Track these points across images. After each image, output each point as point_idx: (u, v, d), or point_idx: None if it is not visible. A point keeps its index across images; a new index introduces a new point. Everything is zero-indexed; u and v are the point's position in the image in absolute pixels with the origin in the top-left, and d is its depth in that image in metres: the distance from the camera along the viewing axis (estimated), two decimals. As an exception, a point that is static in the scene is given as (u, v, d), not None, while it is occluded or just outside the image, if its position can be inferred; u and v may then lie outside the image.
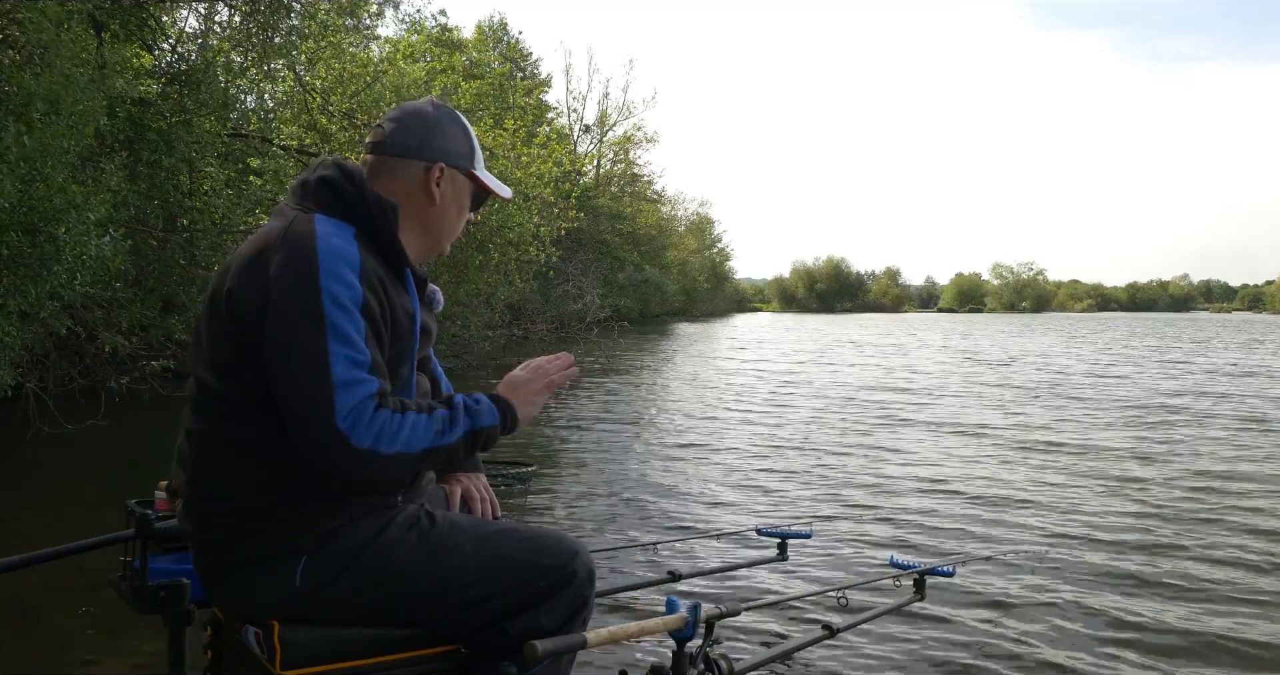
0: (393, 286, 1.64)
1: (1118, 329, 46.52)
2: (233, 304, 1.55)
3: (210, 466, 1.60)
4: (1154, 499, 6.06)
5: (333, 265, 1.52)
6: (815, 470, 7.06)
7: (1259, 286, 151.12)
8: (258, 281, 1.53)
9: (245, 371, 1.55)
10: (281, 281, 1.52)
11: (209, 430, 1.59)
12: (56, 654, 3.30)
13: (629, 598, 3.58)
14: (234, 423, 1.57)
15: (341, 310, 1.50)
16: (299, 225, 1.58)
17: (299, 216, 1.61)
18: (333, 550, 1.58)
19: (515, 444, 8.04)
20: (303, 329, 1.49)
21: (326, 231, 1.57)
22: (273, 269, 1.53)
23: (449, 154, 1.77)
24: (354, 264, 1.55)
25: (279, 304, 1.51)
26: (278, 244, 1.56)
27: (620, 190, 44.01)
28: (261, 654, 1.56)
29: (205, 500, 1.61)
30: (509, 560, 1.62)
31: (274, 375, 1.51)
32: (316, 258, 1.52)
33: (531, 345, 18.08)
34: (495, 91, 17.21)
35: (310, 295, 1.50)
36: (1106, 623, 3.74)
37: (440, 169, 1.75)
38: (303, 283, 1.51)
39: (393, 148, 1.75)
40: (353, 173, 1.69)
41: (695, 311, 56.89)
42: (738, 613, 2.05)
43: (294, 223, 1.59)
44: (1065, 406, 11.52)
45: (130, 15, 9.55)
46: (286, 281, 1.51)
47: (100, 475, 6.88)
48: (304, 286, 1.50)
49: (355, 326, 1.51)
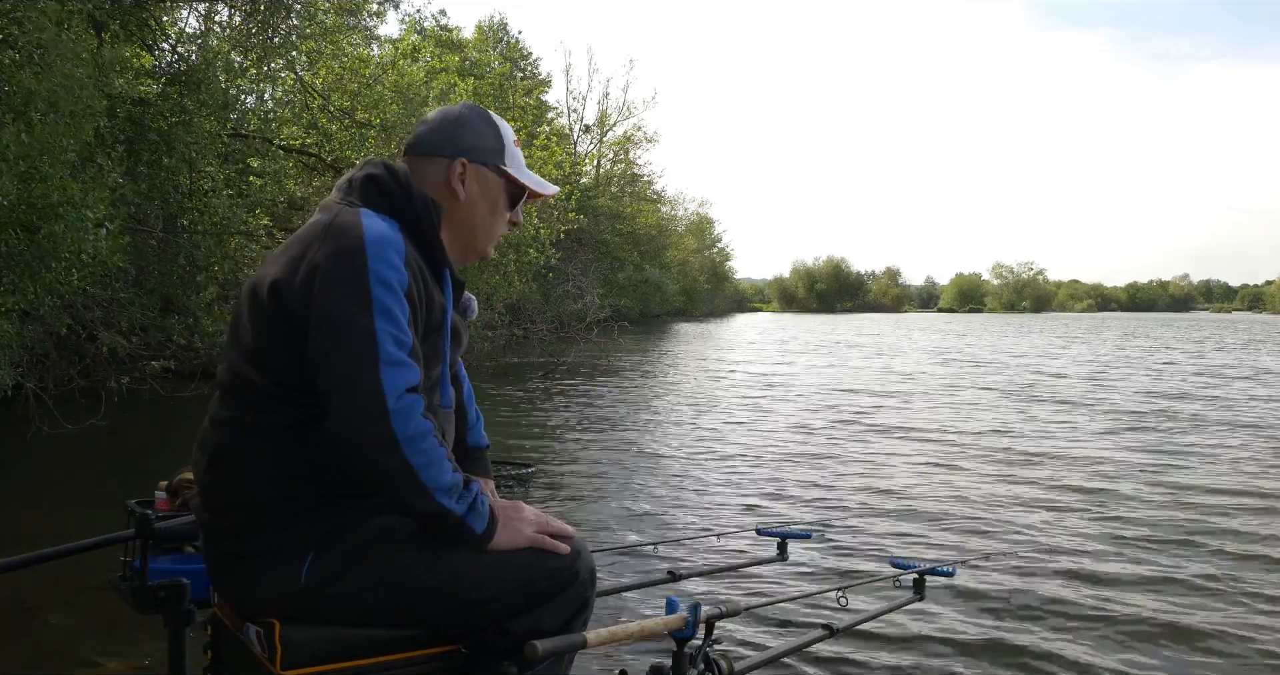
0: (431, 281, 1.67)
1: (1115, 329, 46.51)
2: (276, 292, 1.56)
3: (231, 455, 1.61)
4: (1154, 500, 6.06)
5: (380, 249, 1.55)
6: (815, 470, 7.07)
7: (1259, 286, 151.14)
8: (304, 268, 1.55)
9: (282, 360, 1.56)
10: (329, 264, 1.53)
11: (235, 418, 1.61)
12: (56, 654, 3.30)
13: (629, 598, 3.59)
14: (261, 412, 1.58)
15: (389, 291, 1.53)
16: (345, 216, 1.61)
17: (344, 210, 1.64)
18: (339, 548, 1.59)
19: (515, 444, 8.04)
20: (351, 308, 1.50)
21: (373, 222, 1.60)
22: (319, 256, 1.55)
23: (474, 150, 1.77)
24: (400, 250, 1.58)
25: (327, 286, 1.52)
26: (323, 233, 1.58)
27: (620, 190, 43.99)
28: (262, 653, 1.56)
29: (222, 488, 1.62)
30: (512, 561, 1.62)
31: (319, 352, 1.51)
32: (364, 242, 1.55)
33: (531, 345, 18.07)
34: (495, 92, 17.20)
35: (359, 276, 1.52)
36: (1106, 622, 3.74)
37: (463, 164, 1.76)
38: (351, 265, 1.53)
39: (421, 148, 1.78)
40: (398, 172, 1.72)
41: (695, 311, 56.90)
42: (738, 613, 2.04)
43: (340, 215, 1.62)
44: (1066, 408, 11.52)
45: (130, 15, 9.55)
46: (334, 264, 1.53)
47: (100, 475, 6.88)
48: (352, 268, 1.53)
49: (401, 308, 1.54)
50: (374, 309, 1.51)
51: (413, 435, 1.50)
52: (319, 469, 1.58)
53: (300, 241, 1.61)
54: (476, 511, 1.59)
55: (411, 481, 1.51)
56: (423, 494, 1.52)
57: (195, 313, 10.20)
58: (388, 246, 1.56)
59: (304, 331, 1.53)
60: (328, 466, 1.57)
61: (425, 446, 1.52)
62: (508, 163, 1.81)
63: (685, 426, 9.57)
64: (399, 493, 1.53)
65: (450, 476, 1.55)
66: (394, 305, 1.53)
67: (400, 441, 1.49)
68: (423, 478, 1.51)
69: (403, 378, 1.51)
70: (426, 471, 1.52)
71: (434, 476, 1.53)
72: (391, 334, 1.52)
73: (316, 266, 1.54)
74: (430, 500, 1.53)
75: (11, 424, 7.89)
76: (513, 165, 1.82)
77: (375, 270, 1.53)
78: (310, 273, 1.54)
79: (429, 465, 1.52)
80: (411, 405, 1.51)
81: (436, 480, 1.53)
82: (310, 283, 1.53)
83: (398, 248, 1.58)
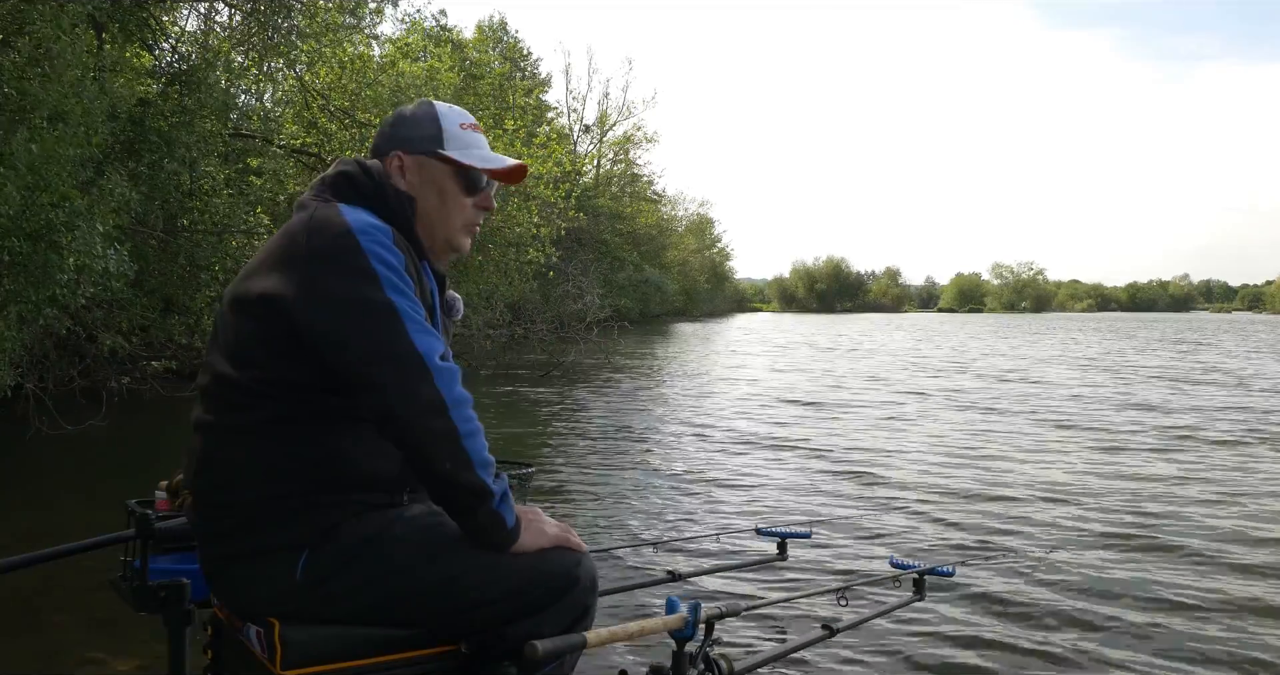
0: (419, 266, 1.67)
1: (1116, 328, 46.49)
2: (265, 290, 1.55)
3: (217, 456, 1.60)
4: (1155, 500, 6.06)
5: (369, 230, 1.55)
6: (815, 470, 7.07)
7: (1259, 286, 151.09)
8: (293, 263, 1.54)
9: (264, 356, 1.55)
10: (324, 254, 1.52)
11: (218, 420, 1.60)
12: (56, 654, 3.30)
13: (629, 598, 3.59)
14: (243, 412, 1.57)
15: (391, 269, 1.53)
16: (323, 211, 1.60)
17: (320, 206, 1.63)
18: (335, 545, 1.58)
19: (515, 444, 8.04)
20: (362, 288, 1.50)
21: (352, 212, 1.59)
22: (308, 249, 1.53)
23: (408, 141, 1.76)
24: (388, 233, 1.58)
25: (328, 273, 1.51)
26: (303, 228, 1.57)
27: (620, 190, 44.03)
28: (262, 653, 1.56)
29: (212, 490, 1.61)
30: (511, 565, 1.61)
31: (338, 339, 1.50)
32: (350, 226, 1.54)
33: (531, 345, 18.05)
34: (495, 92, 17.19)
35: (358, 258, 1.52)
36: (1106, 622, 3.74)
37: (399, 157, 1.75)
38: (347, 249, 1.52)
39: (373, 153, 1.79)
40: (370, 168, 1.72)
41: (695, 311, 56.91)
42: (738, 613, 2.04)
43: (316, 210, 1.61)
44: (1066, 409, 11.52)
45: (130, 15, 9.54)
46: (329, 252, 1.52)
47: (100, 475, 6.89)
48: (349, 253, 1.52)
49: (406, 285, 1.54)
50: (384, 285, 1.51)
51: (458, 399, 1.51)
52: (306, 465, 1.57)
53: (281, 239, 1.59)
54: (508, 503, 1.58)
55: (457, 448, 1.50)
56: (467, 464, 1.51)
57: (196, 312, 10.20)
58: (375, 229, 1.56)
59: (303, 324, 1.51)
60: (315, 463, 1.57)
61: (469, 414, 1.52)
62: (447, 146, 1.75)
63: (685, 426, 9.57)
64: (446, 460, 1.50)
65: (489, 455, 1.55)
66: (400, 281, 1.53)
67: (448, 403, 1.49)
68: (467, 446, 1.51)
69: (434, 344, 1.52)
70: (470, 440, 1.51)
71: (477, 448, 1.52)
72: (409, 305, 1.52)
73: (310, 259, 1.52)
74: (473, 473, 1.52)
75: (11, 424, 7.89)
76: (454, 148, 1.75)
77: (371, 250, 1.53)
78: (305, 266, 1.52)
79: (473, 434, 1.52)
80: (453, 370, 1.52)
81: (479, 453, 1.52)
82: (307, 276, 1.52)
83: (384, 230, 1.58)
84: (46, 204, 6.03)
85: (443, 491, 1.56)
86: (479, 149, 1.78)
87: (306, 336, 1.52)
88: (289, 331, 1.53)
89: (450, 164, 1.75)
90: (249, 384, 1.56)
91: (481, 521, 1.56)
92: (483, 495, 1.53)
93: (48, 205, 6.03)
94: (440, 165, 1.75)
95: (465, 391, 1.54)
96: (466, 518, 1.56)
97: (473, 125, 1.80)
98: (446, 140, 1.75)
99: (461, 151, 1.76)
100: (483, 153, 1.79)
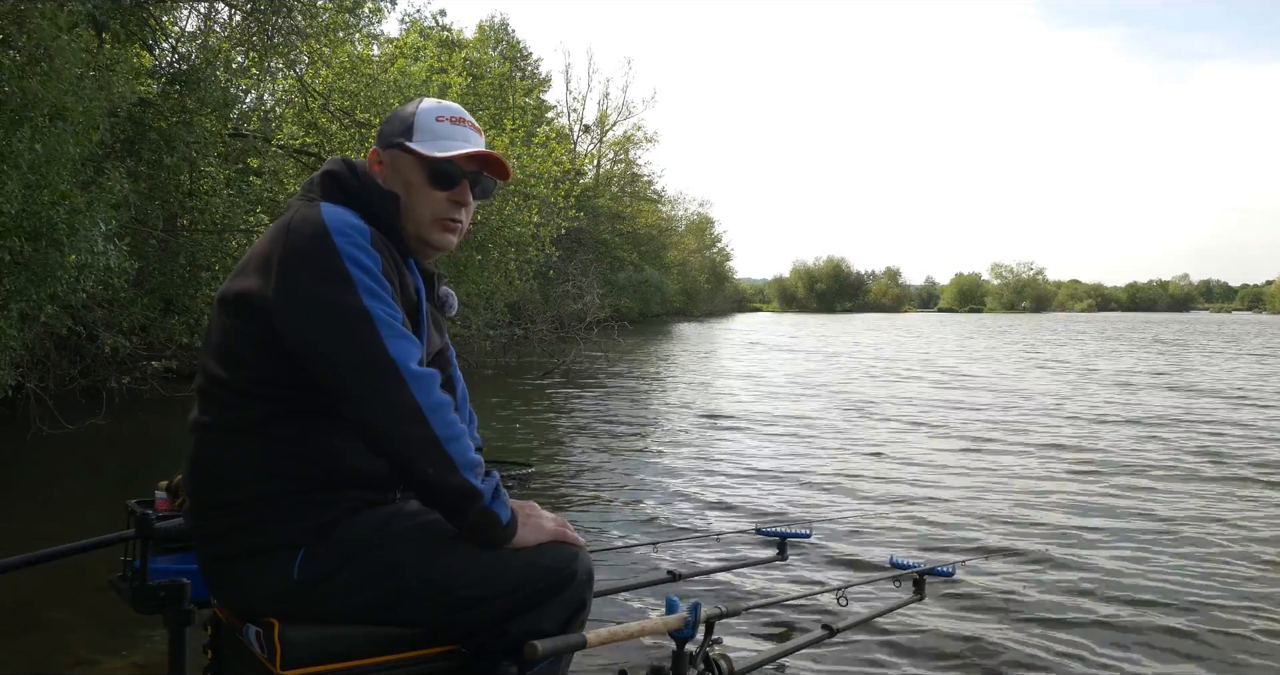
0: (402, 265, 1.67)
1: (1117, 327, 46.51)
2: (245, 289, 1.57)
3: (212, 457, 1.61)
4: (1155, 501, 6.06)
5: (345, 233, 1.55)
6: (815, 470, 7.06)
7: (1259, 286, 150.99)
8: (273, 264, 1.55)
9: (250, 355, 1.56)
10: (300, 255, 1.53)
11: (211, 421, 1.61)
12: (56, 654, 3.30)
13: (629, 598, 3.59)
14: (235, 411, 1.58)
15: (365, 271, 1.53)
16: (303, 211, 1.62)
17: (303, 205, 1.65)
18: (331, 543, 1.58)
19: (515, 444, 8.04)
20: (336, 291, 1.50)
21: (332, 211, 1.60)
22: (285, 249, 1.55)
23: (383, 136, 1.77)
24: (365, 233, 1.58)
25: (303, 275, 1.52)
26: (284, 231, 1.58)
27: (620, 190, 43.99)
28: (262, 653, 1.56)
29: (207, 491, 1.62)
30: (508, 561, 1.61)
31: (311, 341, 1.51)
32: (327, 229, 1.55)
33: (531, 345, 18.06)
34: (495, 92, 17.19)
35: (332, 260, 1.52)
36: (1106, 622, 3.74)
37: (375, 152, 1.77)
38: (322, 250, 1.53)
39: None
40: (356, 165, 1.74)
41: (695, 311, 56.90)
42: (738, 613, 2.05)
43: (298, 211, 1.63)
44: (1065, 408, 11.52)
45: (130, 15, 9.54)
46: (305, 253, 1.53)
47: (100, 475, 6.89)
48: (324, 254, 1.53)
49: (382, 287, 1.54)
50: (358, 288, 1.51)
51: (437, 404, 1.50)
52: (299, 463, 1.57)
53: (265, 240, 1.61)
54: (500, 500, 1.58)
55: (439, 453, 1.50)
56: (451, 468, 1.51)
57: (196, 312, 10.19)
58: (353, 230, 1.56)
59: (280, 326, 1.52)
60: (308, 461, 1.57)
61: (450, 418, 1.52)
62: (415, 139, 1.71)
63: (685, 426, 9.57)
64: (428, 466, 1.50)
65: (474, 455, 1.55)
66: (375, 284, 1.53)
67: (425, 409, 1.49)
68: (449, 450, 1.50)
69: (409, 350, 1.51)
70: (453, 444, 1.51)
71: (460, 451, 1.52)
72: (384, 309, 1.51)
73: (286, 259, 1.53)
74: (458, 475, 1.51)
75: (12, 424, 7.89)
76: (421, 140, 1.71)
77: (347, 252, 1.53)
78: (281, 267, 1.53)
79: (455, 438, 1.51)
80: (430, 375, 1.52)
81: (463, 455, 1.52)
82: (282, 277, 1.53)
83: (362, 231, 1.57)
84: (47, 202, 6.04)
85: (431, 496, 1.57)
86: (452, 140, 1.73)
87: (285, 338, 1.53)
88: (271, 331, 1.54)
89: (413, 155, 1.72)
90: (238, 383, 1.57)
91: (474, 521, 1.56)
92: (471, 496, 1.54)
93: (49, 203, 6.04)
94: (406, 158, 1.73)
95: (444, 395, 1.53)
96: (459, 519, 1.57)
97: (457, 120, 1.76)
98: (415, 132, 1.72)
99: (428, 144, 1.71)
100: (448, 142, 1.72)
